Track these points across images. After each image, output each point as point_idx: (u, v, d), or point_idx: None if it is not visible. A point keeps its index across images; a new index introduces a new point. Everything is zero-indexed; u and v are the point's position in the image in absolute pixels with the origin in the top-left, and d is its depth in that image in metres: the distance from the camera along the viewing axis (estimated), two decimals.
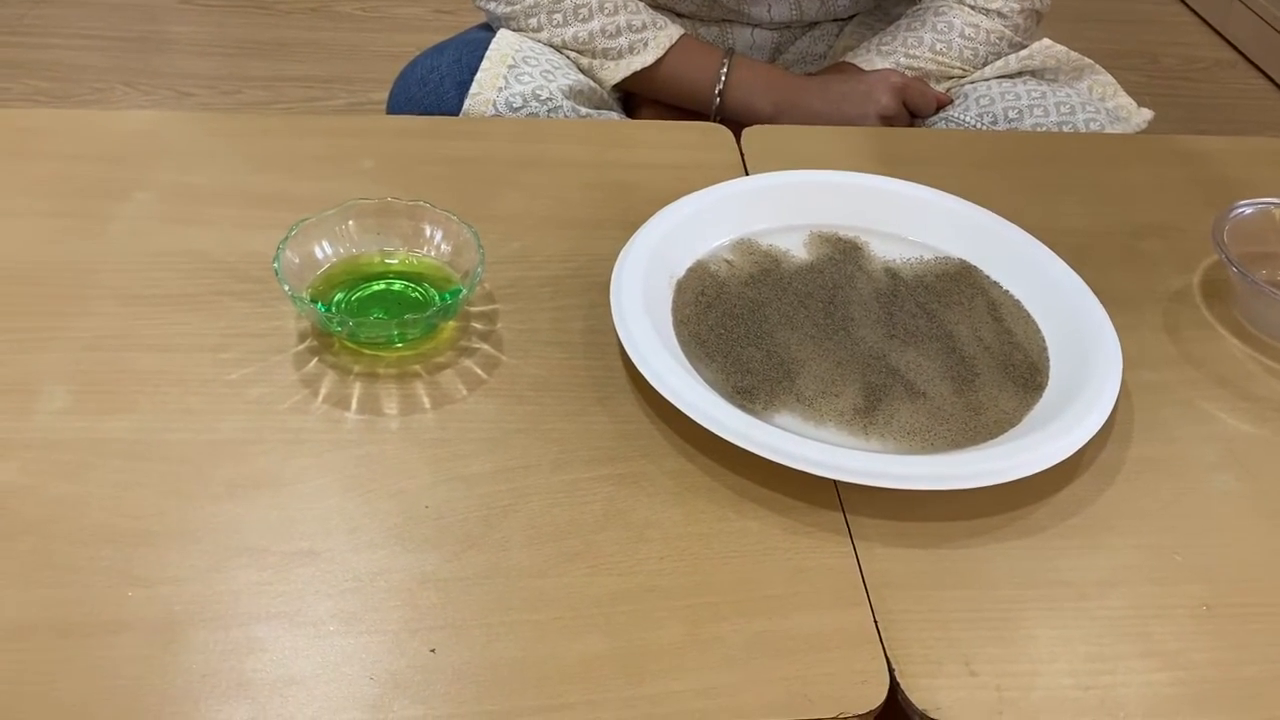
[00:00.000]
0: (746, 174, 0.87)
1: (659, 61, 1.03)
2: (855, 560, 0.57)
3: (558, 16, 1.00)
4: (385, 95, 1.07)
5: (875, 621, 0.54)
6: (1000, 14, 1.06)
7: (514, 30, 1.01)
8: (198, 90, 1.83)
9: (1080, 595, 0.56)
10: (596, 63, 1.02)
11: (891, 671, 0.52)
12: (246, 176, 0.81)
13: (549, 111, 0.93)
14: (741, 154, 0.89)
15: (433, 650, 0.51)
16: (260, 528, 0.56)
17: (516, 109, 0.93)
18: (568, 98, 0.95)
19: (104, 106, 1.76)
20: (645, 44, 1.02)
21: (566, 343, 0.69)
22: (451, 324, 0.68)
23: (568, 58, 1.01)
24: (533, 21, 1.02)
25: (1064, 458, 0.60)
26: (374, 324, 0.66)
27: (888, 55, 1.07)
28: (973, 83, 1.06)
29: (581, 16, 0.99)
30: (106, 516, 0.56)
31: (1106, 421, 0.64)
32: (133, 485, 0.58)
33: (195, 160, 0.82)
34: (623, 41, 1.00)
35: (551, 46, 1.00)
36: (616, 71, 1.02)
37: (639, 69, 1.02)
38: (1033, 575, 0.57)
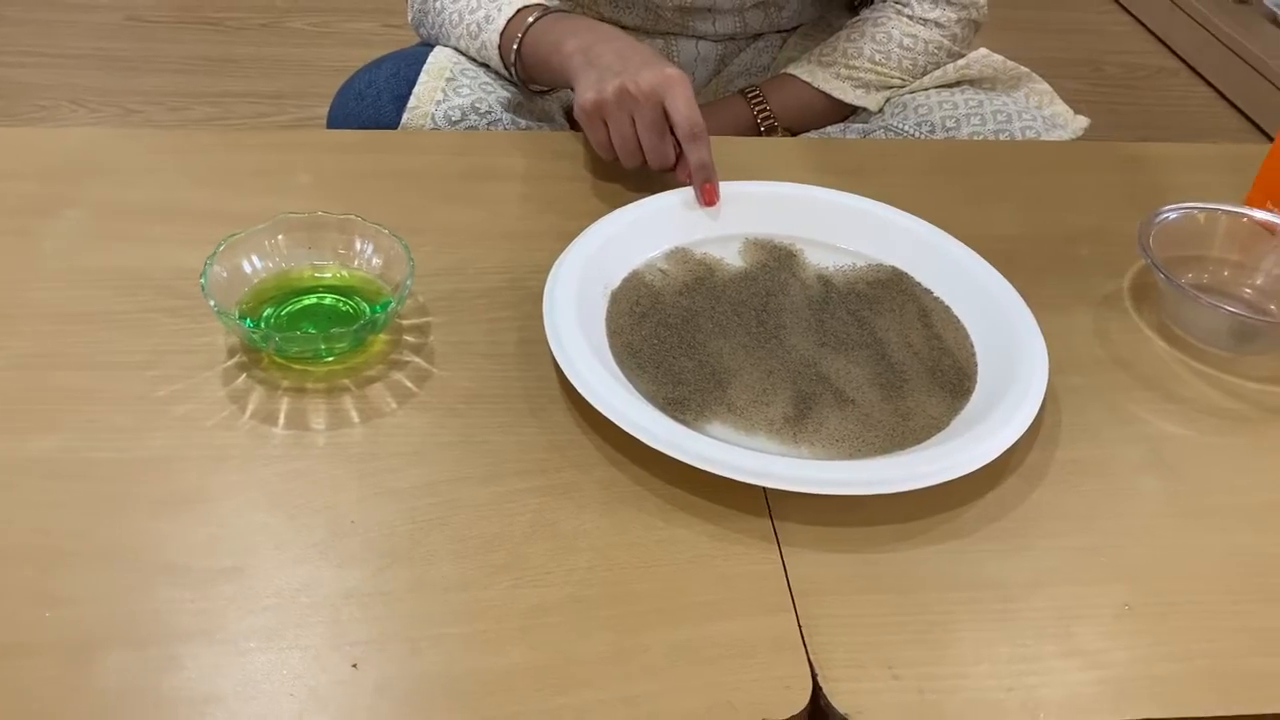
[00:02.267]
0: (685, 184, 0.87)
1: (511, 34, 0.92)
2: (782, 566, 0.57)
3: (432, 18, 0.99)
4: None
5: (800, 627, 0.54)
6: (938, 24, 1.08)
7: (424, 37, 1.01)
8: (146, 107, 1.82)
9: (1005, 597, 0.57)
10: (481, 56, 0.97)
11: (814, 676, 0.52)
12: (181, 193, 0.80)
13: (488, 124, 0.94)
14: None
15: (354, 665, 0.51)
16: (184, 545, 0.56)
17: (455, 122, 0.93)
18: (507, 110, 0.95)
19: (49, 124, 1.75)
20: (489, 19, 0.94)
21: (500, 354, 0.69)
22: (383, 337, 0.68)
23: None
24: (422, 31, 1.02)
25: (988, 461, 0.61)
26: (299, 338, 0.66)
27: (828, 66, 1.08)
28: (911, 92, 1.07)
29: (445, 15, 0.98)
30: (27, 536, 0.55)
31: (1034, 425, 0.65)
32: (55, 505, 0.57)
33: (130, 177, 0.82)
34: (477, 19, 0.94)
35: (459, 52, 0.99)
36: (487, 53, 0.95)
37: (494, 42, 0.93)
38: (958, 578, 0.57)
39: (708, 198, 0.81)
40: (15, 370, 0.65)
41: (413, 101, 0.93)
